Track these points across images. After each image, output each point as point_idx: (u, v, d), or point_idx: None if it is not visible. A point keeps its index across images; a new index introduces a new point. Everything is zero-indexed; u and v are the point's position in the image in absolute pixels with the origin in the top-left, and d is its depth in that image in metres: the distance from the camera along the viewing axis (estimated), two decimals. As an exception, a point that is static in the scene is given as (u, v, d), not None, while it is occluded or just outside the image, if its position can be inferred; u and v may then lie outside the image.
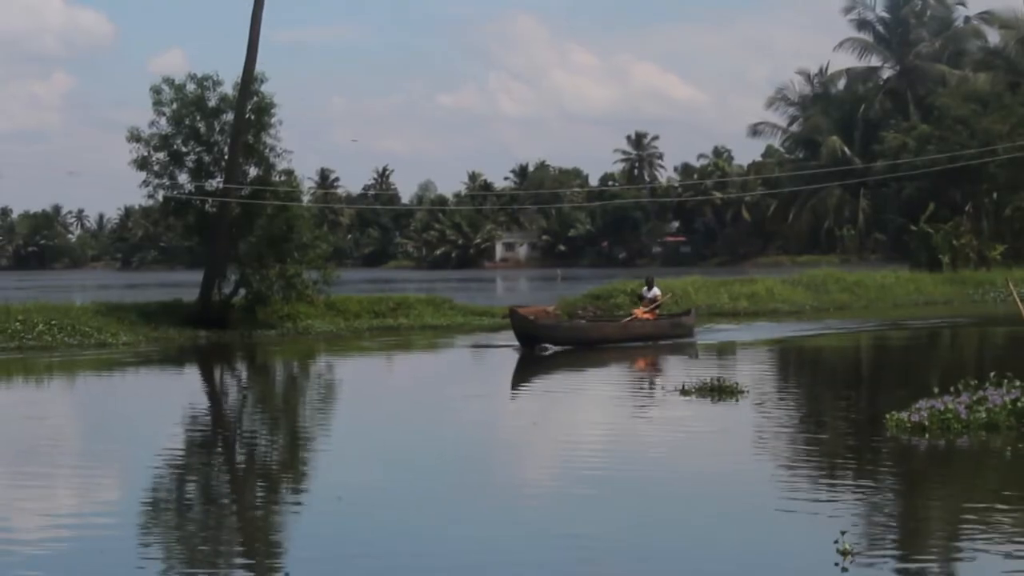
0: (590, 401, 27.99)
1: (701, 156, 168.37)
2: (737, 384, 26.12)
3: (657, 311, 42.01)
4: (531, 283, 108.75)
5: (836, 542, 13.04)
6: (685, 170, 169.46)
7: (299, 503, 16.87)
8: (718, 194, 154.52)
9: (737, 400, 25.06)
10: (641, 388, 30.80)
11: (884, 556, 13.26)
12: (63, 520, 15.48)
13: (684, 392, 25.90)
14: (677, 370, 32.68)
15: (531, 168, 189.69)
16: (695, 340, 41.19)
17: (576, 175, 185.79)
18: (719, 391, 25.72)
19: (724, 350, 38.81)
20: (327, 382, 33.17)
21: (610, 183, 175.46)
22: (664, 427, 22.95)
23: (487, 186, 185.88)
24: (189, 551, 14.34)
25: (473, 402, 28.43)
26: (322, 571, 13.19)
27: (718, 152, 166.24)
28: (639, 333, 40.86)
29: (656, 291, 42.70)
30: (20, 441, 22.84)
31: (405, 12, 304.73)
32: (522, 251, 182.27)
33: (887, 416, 21.02)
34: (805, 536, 14.26)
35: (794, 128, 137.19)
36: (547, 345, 38.87)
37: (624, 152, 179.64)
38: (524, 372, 34.36)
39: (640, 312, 41.58)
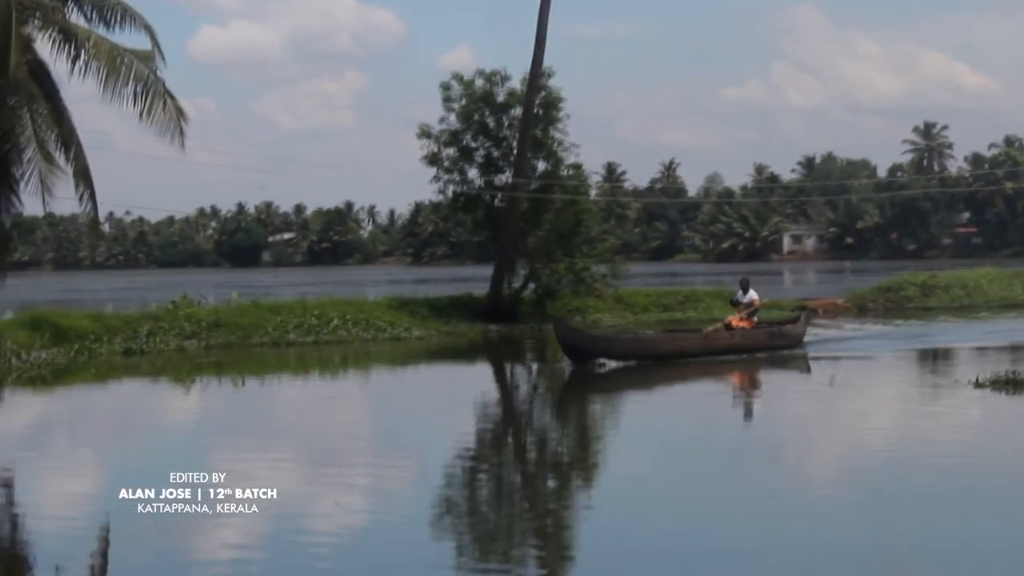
0: (874, 394, 27.47)
1: (992, 146, 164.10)
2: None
3: (755, 318, 36.19)
4: (819, 275, 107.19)
5: None
6: (975, 160, 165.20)
7: (589, 497, 16.87)
8: (1010, 184, 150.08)
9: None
10: (931, 380, 29.93)
11: None
12: (357, 512, 15.74)
13: (978, 385, 25.19)
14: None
15: (818, 160, 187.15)
16: (806, 352, 35.70)
17: (864, 166, 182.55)
18: (1014, 384, 24.91)
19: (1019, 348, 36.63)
20: (617, 374, 32.98)
21: (898, 174, 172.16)
22: (961, 419, 22.45)
23: (774, 178, 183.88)
24: (481, 545, 14.45)
25: (755, 396, 28.34)
26: (612, 565, 13.09)
27: (1010, 141, 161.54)
28: (725, 345, 34.71)
29: (753, 295, 36.51)
30: (317, 433, 23.40)
31: (687, 5, 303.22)
32: (809, 243, 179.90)
33: None
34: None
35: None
36: (604, 360, 33.19)
37: (912, 142, 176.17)
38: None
39: (735, 320, 35.71)
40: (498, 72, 48.66)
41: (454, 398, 28.94)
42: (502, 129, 48.84)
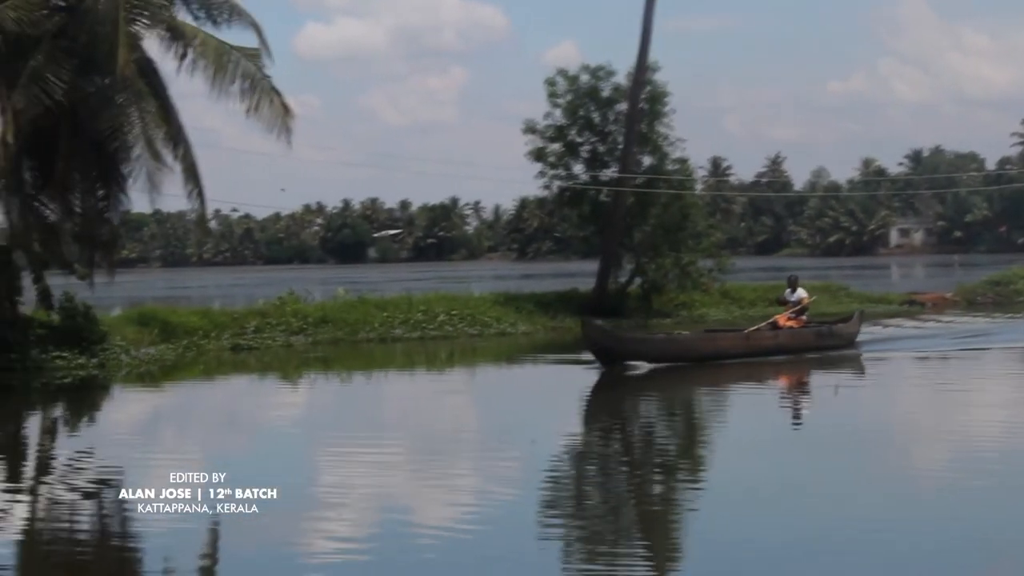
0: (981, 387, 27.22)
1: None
2: None
3: (804, 317, 34.56)
4: (927, 269, 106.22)
5: None
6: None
7: (697, 493, 16.57)
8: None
9: None
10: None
11: None
12: (463, 505, 15.65)
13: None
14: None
15: (925, 153, 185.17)
16: (859, 352, 34.10)
17: (972, 159, 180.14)
18: None
19: None
20: (724, 369, 32.56)
21: (1007, 167, 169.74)
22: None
23: (881, 172, 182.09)
24: (587, 540, 14.28)
25: (866, 390, 27.96)
26: (721, 559, 12.98)
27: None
28: (768, 346, 33.10)
29: (801, 293, 34.84)
30: (423, 427, 23.45)
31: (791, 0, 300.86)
32: (917, 237, 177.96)
33: None
34: None
35: None
36: (636, 363, 31.22)
37: (1021, 135, 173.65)
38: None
39: (783, 319, 34.27)
40: (603, 67, 48.79)
41: (559, 393, 28.80)
42: (607, 124, 48.85)
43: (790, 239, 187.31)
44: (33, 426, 25.93)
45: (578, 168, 49.49)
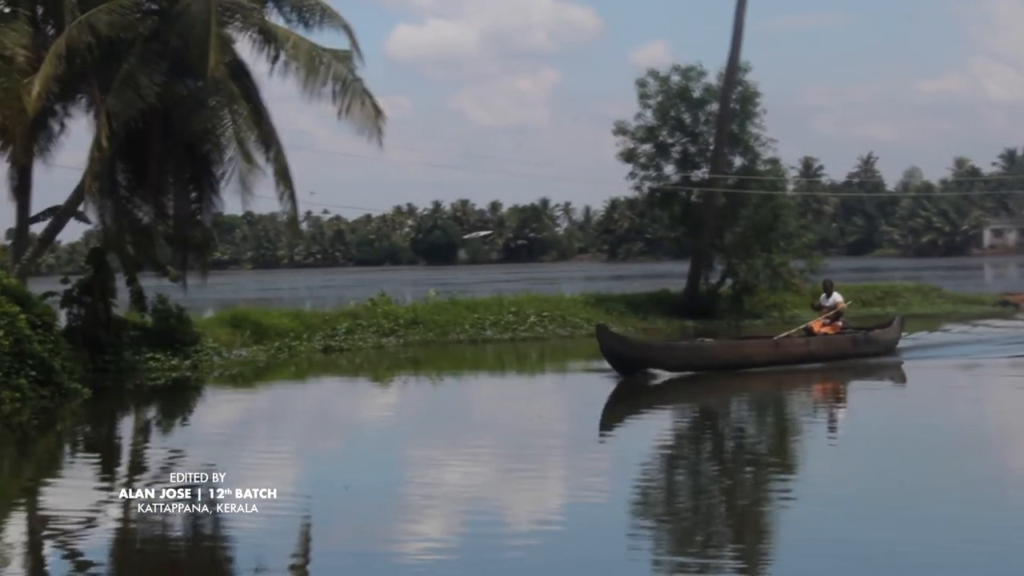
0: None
1: None
2: None
3: (839, 323, 32.85)
4: (1020, 270, 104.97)
5: None
6: None
7: (789, 494, 16.34)
8: None
9: None
10: None
11: None
12: (554, 504, 15.73)
13: None
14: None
15: (1019, 153, 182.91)
16: (900, 359, 32.45)
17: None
18: None
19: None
20: (816, 370, 32.19)
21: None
22: None
23: (974, 172, 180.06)
24: (678, 539, 14.26)
25: (960, 392, 27.87)
26: (812, 561, 12.87)
27: None
28: (799, 353, 31.49)
29: (836, 297, 33.18)
30: (513, 428, 23.38)
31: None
32: (1011, 237, 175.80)
33: None
34: None
35: None
36: (656, 371, 30.06)
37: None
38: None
39: (817, 325, 32.49)
40: (694, 68, 48.65)
41: (649, 393, 28.62)
42: (698, 125, 48.69)
43: (882, 240, 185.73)
44: (127, 426, 26.18)
45: (669, 169, 49.45)
